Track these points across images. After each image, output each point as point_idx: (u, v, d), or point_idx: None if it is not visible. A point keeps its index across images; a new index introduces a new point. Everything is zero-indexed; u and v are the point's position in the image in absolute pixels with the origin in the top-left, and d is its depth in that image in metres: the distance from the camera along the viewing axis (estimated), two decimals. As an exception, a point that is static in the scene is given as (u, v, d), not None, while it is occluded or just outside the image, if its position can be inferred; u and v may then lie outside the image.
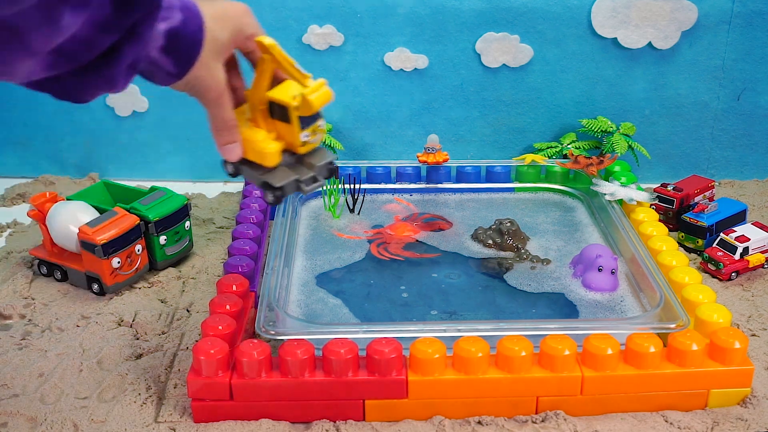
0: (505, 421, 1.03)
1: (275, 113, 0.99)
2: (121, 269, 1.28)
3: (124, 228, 1.27)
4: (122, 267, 1.28)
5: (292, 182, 0.99)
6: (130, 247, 1.28)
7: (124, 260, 1.28)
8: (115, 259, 1.26)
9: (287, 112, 0.98)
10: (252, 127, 1.01)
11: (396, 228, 1.44)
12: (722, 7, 1.57)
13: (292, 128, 0.98)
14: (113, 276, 1.27)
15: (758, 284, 1.32)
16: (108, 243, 1.25)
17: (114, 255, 1.26)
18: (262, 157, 1.00)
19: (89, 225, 1.26)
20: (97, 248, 1.24)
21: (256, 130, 1.00)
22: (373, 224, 1.46)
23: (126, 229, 1.27)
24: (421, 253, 1.37)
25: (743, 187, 1.67)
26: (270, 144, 1.00)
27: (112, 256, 1.26)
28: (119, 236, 1.26)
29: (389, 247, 1.38)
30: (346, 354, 1.00)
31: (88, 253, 1.25)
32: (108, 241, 1.24)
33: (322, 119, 1.00)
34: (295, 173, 1.00)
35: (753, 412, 1.04)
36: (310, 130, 1.00)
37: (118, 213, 1.29)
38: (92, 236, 1.24)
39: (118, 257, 1.27)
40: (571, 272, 1.29)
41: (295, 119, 0.97)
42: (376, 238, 1.40)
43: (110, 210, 1.31)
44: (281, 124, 0.99)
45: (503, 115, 1.68)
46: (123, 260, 1.28)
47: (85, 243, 1.25)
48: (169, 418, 1.04)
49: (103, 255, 1.24)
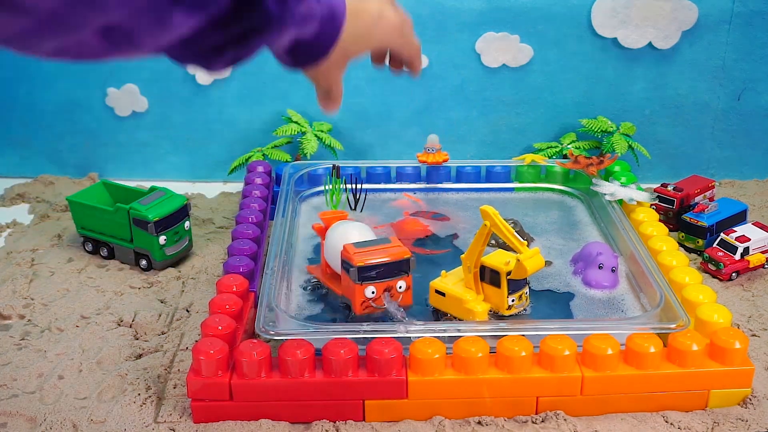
0: (505, 422, 1.03)
1: (486, 277, 1.13)
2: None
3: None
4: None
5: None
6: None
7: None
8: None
9: (499, 277, 1.11)
10: (463, 287, 1.15)
11: (406, 224, 1.44)
12: (722, 7, 1.57)
13: (501, 292, 1.12)
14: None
15: (758, 284, 1.32)
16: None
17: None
18: (471, 315, 1.12)
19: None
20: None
21: (467, 290, 1.14)
22: (381, 221, 1.46)
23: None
24: (430, 249, 1.37)
25: (743, 187, 1.67)
26: (479, 305, 1.13)
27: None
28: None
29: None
30: (345, 354, 1.00)
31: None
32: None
33: (528, 286, 1.16)
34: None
35: (753, 413, 1.04)
36: (517, 295, 1.14)
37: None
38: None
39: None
40: (571, 272, 1.29)
41: (504, 283, 1.11)
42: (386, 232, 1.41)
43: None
44: (489, 287, 1.14)
45: (503, 115, 1.68)
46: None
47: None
48: (169, 419, 1.04)
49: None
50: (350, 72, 1.64)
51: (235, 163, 1.64)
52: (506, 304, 1.13)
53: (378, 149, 1.71)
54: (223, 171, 1.72)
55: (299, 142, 1.62)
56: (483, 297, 1.14)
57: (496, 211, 1.09)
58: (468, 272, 1.14)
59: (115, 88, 1.67)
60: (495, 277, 1.12)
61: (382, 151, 1.72)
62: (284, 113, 1.67)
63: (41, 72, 1.66)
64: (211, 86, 1.66)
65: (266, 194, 1.48)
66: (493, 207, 1.11)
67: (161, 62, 1.64)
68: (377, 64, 1.00)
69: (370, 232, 1.22)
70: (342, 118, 1.68)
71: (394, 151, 1.71)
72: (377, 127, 1.70)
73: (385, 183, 1.57)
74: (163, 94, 1.67)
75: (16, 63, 1.65)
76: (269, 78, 1.65)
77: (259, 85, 1.66)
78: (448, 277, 1.17)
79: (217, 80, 1.65)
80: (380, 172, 1.57)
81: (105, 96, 1.68)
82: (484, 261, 1.13)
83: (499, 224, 1.09)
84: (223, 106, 1.68)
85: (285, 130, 1.62)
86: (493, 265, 1.12)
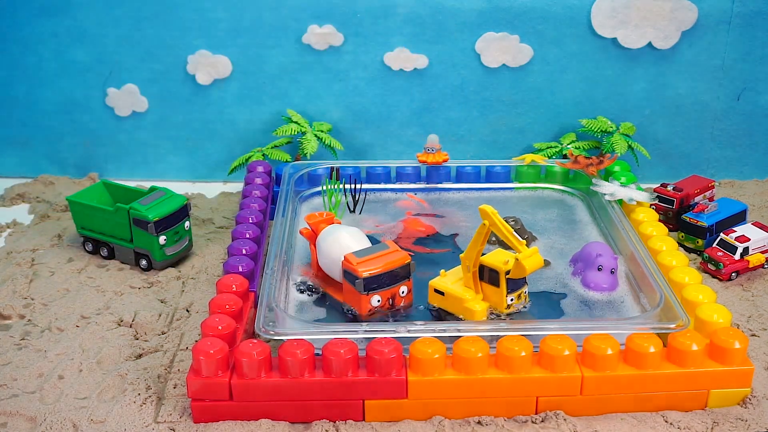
0: (505, 422, 1.03)
1: (485, 276, 1.14)
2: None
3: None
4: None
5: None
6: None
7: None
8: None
9: (497, 277, 1.12)
10: (463, 287, 1.15)
11: (408, 223, 1.44)
12: (722, 7, 1.57)
13: (500, 291, 1.13)
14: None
15: (758, 284, 1.32)
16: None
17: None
18: (470, 314, 1.13)
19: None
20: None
21: (466, 289, 1.14)
22: (382, 221, 1.46)
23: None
24: (431, 248, 1.37)
25: (743, 187, 1.67)
26: (478, 304, 1.13)
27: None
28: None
29: (400, 242, 1.38)
30: (345, 354, 1.00)
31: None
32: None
33: (527, 285, 1.16)
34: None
35: (753, 413, 1.04)
36: (516, 294, 1.14)
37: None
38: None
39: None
40: (570, 272, 1.29)
41: (503, 283, 1.12)
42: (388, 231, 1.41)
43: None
44: (488, 286, 1.14)
45: (503, 115, 1.68)
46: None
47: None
48: (169, 418, 1.04)
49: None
50: (350, 72, 1.66)
51: (235, 163, 1.64)
52: (505, 303, 1.13)
53: (378, 149, 1.72)
54: (223, 171, 1.72)
55: (299, 142, 1.62)
56: (482, 296, 1.15)
57: (495, 211, 1.10)
58: (467, 271, 1.14)
59: (115, 88, 1.67)
60: (494, 276, 1.13)
61: (382, 151, 1.72)
62: (284, 113, 1.67)
63: (41, 72, 1.66)
64: (211, 86, 1.66)
65: (266, 194, 1.48)
66: (492, 206, 1.11)
67: (161, 62, 1.65)
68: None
69: (363, 237, 1.22)
70: (342, 118, 1.69)
71: (394, 151, 1.71)
72: (377, 127, 1.70)
73: (384, 183, 1.57)
74: (163, 94, 1.67)
75: (16, 63, 1.66)
76: (269, 78, 1.65)
77: (259, 85, 1.66)
78: (447, 276, 1.18)
79: (217, 80, 1.65)
80: (380, 172, 1.57)
81: (105, 96, 1.68)
82: (483, 260, 1.13)
83: (498, 223, 1.10)
84: (223, 106, 1.68)
85: (285, 130, 1.62)
86: (492, 265, 1.12)
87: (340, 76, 1.65)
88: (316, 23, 1.60)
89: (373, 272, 1.13)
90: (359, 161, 1.65)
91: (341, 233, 1.21)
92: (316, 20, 1.60)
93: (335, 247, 1.19)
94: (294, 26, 1.61)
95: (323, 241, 1.22)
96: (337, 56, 1.63)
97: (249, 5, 1.59)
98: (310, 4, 1.59)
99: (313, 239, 1.26)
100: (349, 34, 1.62)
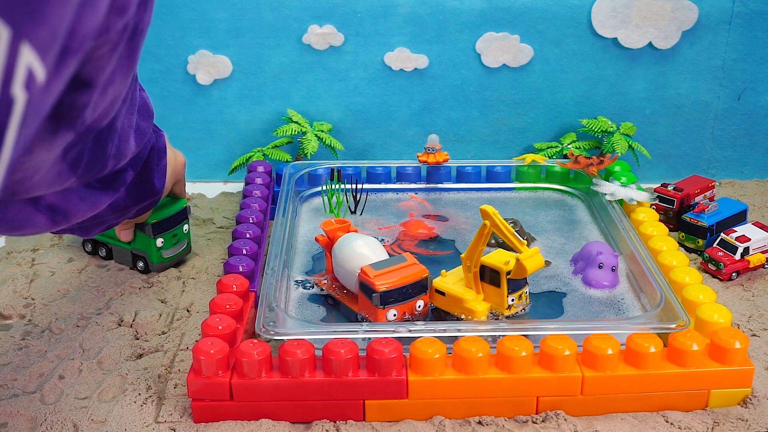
0: (505, 421, 1.03)
1: (485, 277, 1.14)
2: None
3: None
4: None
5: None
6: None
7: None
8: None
9: (498, 277, 1.12)
10: (463, 287, 1.15)
11: (410, 225, 1.44)
12: (723, 7, 1.57)
13: (501, 291, 1.13)
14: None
15: (759, 284, 1.32)
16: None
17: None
18: (471, 314, 1.13)
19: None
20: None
21: (467, 290, 1.15)
22: (382, 222, 1.46)
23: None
24: (433, 250, 1.37)
25: (743, 187, 1.67)
26: (479, 304, 1.13)
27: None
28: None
29: (402, 244, 1.38)
30: (346, 354, 1.00)
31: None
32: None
33: (528, 286, 1.16)
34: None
35: (753, 412, 1.04)
36: (517, 295, 1.14)
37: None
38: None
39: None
40: (571, 272, 1.29)
41: (504, 283, 1.12)
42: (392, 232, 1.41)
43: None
44: (489, 287, 1.14)
45: (503, 115, 1.68)
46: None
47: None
48: (169, 418, 1.04)
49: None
50: (350, 72, 1.66)
51: (236, 163, 1.64)
52: (506, 304, 1.13)
53: (378, 149, 1.72)
54: (223, 171, 1.72)
55: (299, 142, 1.62)
56: (483, 296, 1.15)
57: (496, 211, 1.10)
58: (468, 272, 1.14)
59: (115, 88, 1.67)
60: (495, 277, 1.13)
61: (382, 151, 1.72)
62: (284, 113, 1.67)
63: (41, 72, 1.66)
64: (211, 86, 1.66)
65: (267, 194, 1.48)
66: (492, 206, 1.11)
67: (161, 62, 1.65)
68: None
69: (380, 247, 1.21)
70: (342, 118, 1.69)
71: (394, 151, 1.71)
72: (377, 127, 1.70)
73: (385, 183, 1.57)
74: (163, 94, 1.67)
75: (16, 63, 1.65)
76: (269, 78, 1.65)
77: (259, 85, 1.66)
78: (448, 276, 1.18)
79: (217, 80, 1.65)
80: (380, 173, 1.57)
81: (105, 96, 1.68)
82: (483, 260, 1.13)
83: (499, 224, 1.10)
84: (223, 106, 1.68)
85: (285, 130, 1.62)
86: (493, 265, 1.12)
87: (340, 76, 1.65)
88: (316, 23, 1.60)
89: (391, 286, 1.11)
90: (359, 161, 1.65)
91: (358, 243, 1.20)
92: (316, 20, 1.60)
93: (352, 257, 1.18)
94: (294, 26, 1.61)
95: (339, 250, 1.21)
96: (337, 56, 1.63)
97: (249, 5, 1.59)
98: (311, 4, 1.59)
99: (329, 247, 1.25)
100: (350, 34, 1.62)
